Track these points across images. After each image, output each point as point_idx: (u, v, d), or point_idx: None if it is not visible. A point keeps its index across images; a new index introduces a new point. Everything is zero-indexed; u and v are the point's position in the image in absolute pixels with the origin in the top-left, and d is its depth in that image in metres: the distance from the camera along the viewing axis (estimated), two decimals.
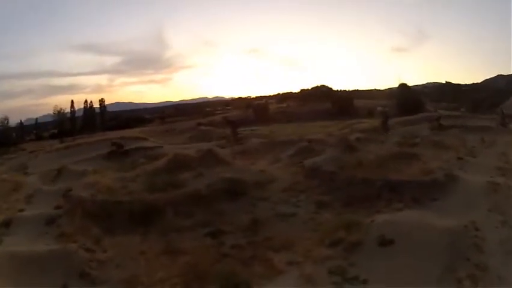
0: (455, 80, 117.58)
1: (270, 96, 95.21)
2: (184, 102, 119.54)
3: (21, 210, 18.71)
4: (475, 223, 12.69)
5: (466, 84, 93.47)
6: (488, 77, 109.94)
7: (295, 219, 15.82)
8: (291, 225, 15.33)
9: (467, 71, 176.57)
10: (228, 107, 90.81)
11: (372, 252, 11.89)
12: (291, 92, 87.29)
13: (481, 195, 15.30)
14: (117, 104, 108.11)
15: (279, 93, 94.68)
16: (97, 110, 75.60)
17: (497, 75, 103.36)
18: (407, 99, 57.67)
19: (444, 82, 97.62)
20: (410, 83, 77.65)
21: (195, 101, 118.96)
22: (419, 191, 15.98)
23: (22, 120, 75.42)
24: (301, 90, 79.10)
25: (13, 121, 69.57)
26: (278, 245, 13.71)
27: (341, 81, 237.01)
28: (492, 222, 13.08)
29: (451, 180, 16.77)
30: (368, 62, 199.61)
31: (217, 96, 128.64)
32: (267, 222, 15.70)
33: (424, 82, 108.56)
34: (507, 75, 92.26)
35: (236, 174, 20.29)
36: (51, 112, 73.49)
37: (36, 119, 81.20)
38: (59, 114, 71.37)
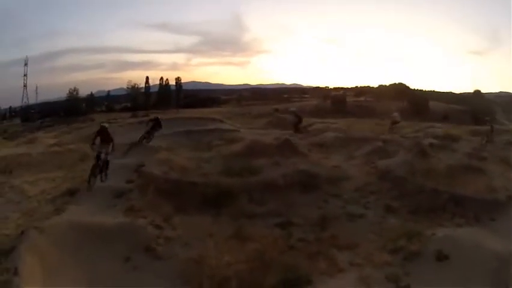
0: None
1: (347, 88, 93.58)
2: (262, 86, 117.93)
3: (88, 181, 18.47)
4: None
5: None
6: None
7: (363, 221, 16.20)
8: (358, 226, 15.74)
9: None
10: (306, 95, 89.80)
11: (428, 265, 12.36)
12: (368, 86, 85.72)
13: None
14: (193, 82, 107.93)
15: (356, 86, 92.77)
16: (173, 88, 75.43)
17: None
18: (480, 108, 56.31)
19: None
20: (484, 90, 75.36)
21: (272, 86, 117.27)
22: (481, 208, 16.15)
23: (93, 92, 76.19)
24: (379, 85, 77.48)
25: (83, 93, 70.19)
26: (343, 244, 14.24)
27: (418, 80, 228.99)
28: None
29: (511, 202, 16.78)
30: (445, 63, 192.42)
31: (295, 84, 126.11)
32: (335, 219, 16.12)
33: (498, 90, 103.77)
34: None
35: (311, 168, 20.73)
36: (123, 86, 72.64)
37: (108, 91, 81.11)
38: (133, 88, 71.69)
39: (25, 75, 67.64)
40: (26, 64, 67.16)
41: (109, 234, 13.48)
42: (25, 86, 67.72)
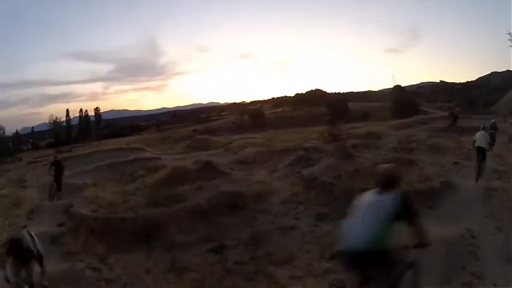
0: (449, 79, 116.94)
1: (264, 101, 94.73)
2: (180, 108, 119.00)
3: (24, 227, 17.95)
4: (471, 231, 12.89)
5: (460, 83, 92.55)
6: (482, 75, 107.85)
7: (295, 233, 15.92)
8: (292, 239, 15.46)
9: (461, 69, 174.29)
10: (223, 113, 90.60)
11: None
12: (285, 96, 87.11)
13: (477, 201, 15.34)
14: (112, 111, 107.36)
15: (273, 98, 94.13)
16: (92, 118, 74.55)
17: (492, 72, 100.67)
18: (402, 102, 57.83)
19: (438, 81, 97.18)
20: (404, 84, 78.08)
21: (190, 107, 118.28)
22: (417, 199, 15.93)
23: (18, 130, 74.78)
24: (296, 94, 78.89)
25: (9, 131, 68.88)
26: (280, 259, 13.84)
27: (335, 84, 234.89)
28: (488, 229, 13.19)
29: (447, 187, 16.96)
30: (361, 64, 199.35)
31: (212, 102, 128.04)
32: (267, 236, 15.79)
33: (418, 82, 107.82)
34: (502, 71, 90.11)
35: (235, 187, 20.49)
36: (47, 121, 72.60)
37: (33, 128, 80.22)
38: (55, 123, 70.30)
39: None
40: None
41: (54, 282, 12.80)
42: None
